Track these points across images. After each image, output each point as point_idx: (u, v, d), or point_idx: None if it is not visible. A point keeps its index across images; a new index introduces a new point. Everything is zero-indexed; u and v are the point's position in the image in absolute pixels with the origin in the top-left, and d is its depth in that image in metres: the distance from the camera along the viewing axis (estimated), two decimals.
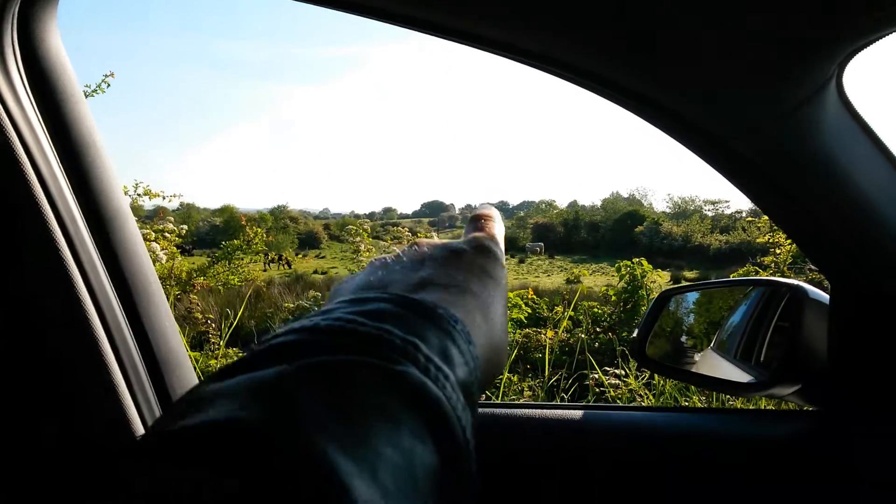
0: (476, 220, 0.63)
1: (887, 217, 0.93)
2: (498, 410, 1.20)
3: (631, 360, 4.36)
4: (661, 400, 3.69)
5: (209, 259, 7.55)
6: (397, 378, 0.36)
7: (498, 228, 0.62)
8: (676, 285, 1.61)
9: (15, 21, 0.81)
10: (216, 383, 0.34)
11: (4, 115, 0.80)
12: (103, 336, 0.90)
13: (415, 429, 0.35)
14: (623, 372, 4.26)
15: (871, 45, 0.78)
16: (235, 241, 7.43)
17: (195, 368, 1.14)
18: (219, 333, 5.83)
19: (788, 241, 6.01)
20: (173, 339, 1.04)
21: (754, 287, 1.56)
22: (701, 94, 0.83)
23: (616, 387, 4.07)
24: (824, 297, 1.15)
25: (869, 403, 1.10)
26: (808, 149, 0.87)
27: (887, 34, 0.75)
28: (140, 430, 0.93)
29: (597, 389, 4.14)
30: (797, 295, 1.17)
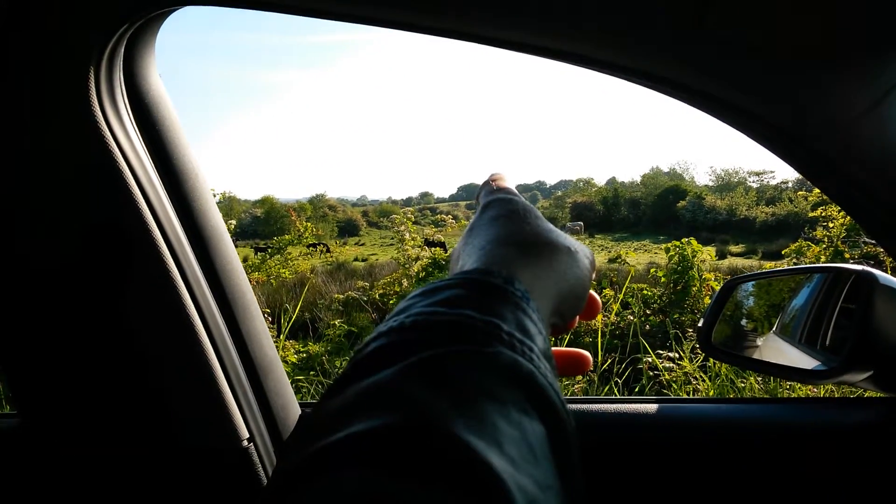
0: (485, 185, 0.67)
1: None
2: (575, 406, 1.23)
3: (684, 342, 4.35)
4: (717, 382, 3.67)
5: (257, 254, 7.68)
6: (491, 359, 0.39)
7: (507, 183, 0.66)
8: (741, 275, 1.61)
9: (121, 61, 0.87)
10: (337, 397, 0.37)
11: (115, 146, 0.86)
12: (208, 345, 0.96)
13: (518, 403, 0.37)
14: (677, 354, 4.24)
15: None
16: (287, 237, 7.54)
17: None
18: (275, 327, 5.95)
19: (841, 213, 5.86)
20: (267, 345, 1.10)
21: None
22: (781, 95, 0.85)
23: (670, 370, 4.05)
24: (894, 281, 1.15)
25: None
26: (885, 142, 0.88)
27: None
28: (245, 433, 0.99)
29: (651, 373, 4.13)
30: (867, 279, 1.16)
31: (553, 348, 0.58)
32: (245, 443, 0.99)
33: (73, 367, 0.94)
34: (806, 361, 1.38)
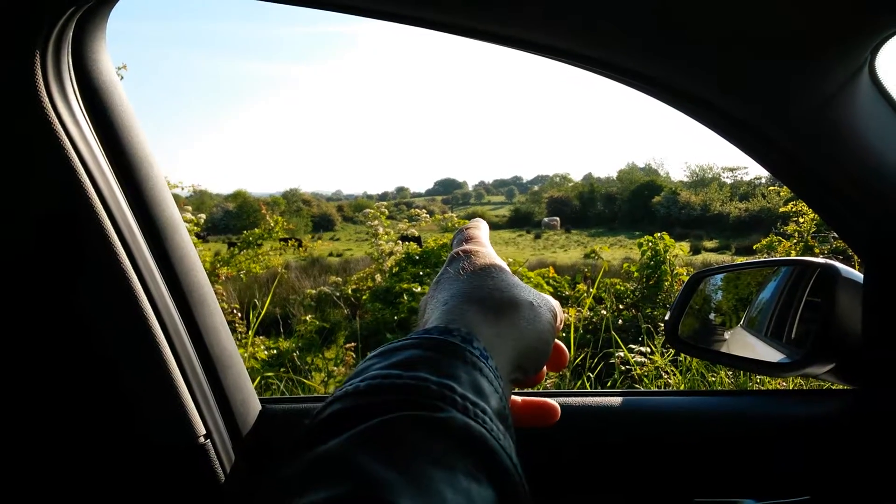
0: (459, 233, 0.67)
1: None
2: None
3: (656, 337, 4.37)
4: (688, 377, 3.71)
5: (229, 248, 7.62)
6: (442, 425, 0.39)
7: (480, 233, 0.67)
8: (707, 268, 1.62)
9: (70, 44, 0.84)
10: (293, 464, 0.38)
11: (64, 134, 0.83)
12: (163, 339, 0.93)
13: (467, 469, 0.38)
14: (648, 349, 4.27)
15: None
16: (257, 231, 7.48)
17: None
18: (244, 322, 5.89)
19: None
20: (226, 339, 1.08)
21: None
22: (736, 85, 0.85)
23: (642, 364, 4.09)
24: (856, 275, 1.15)
25: None
26: (844, 134, 0.88)
27: None
28: (201, 429, 0.97)
29: (622, 367, 4.16)
30: (830, 273, 1.17)
31: (522, 398, 0.61)
32: (202, 439, 0.97)
33: (21, 362, 0.91)
34: (772, 354, 1.40)
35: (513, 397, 0.60)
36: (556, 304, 0.61)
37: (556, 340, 0.60)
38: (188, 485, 0.98)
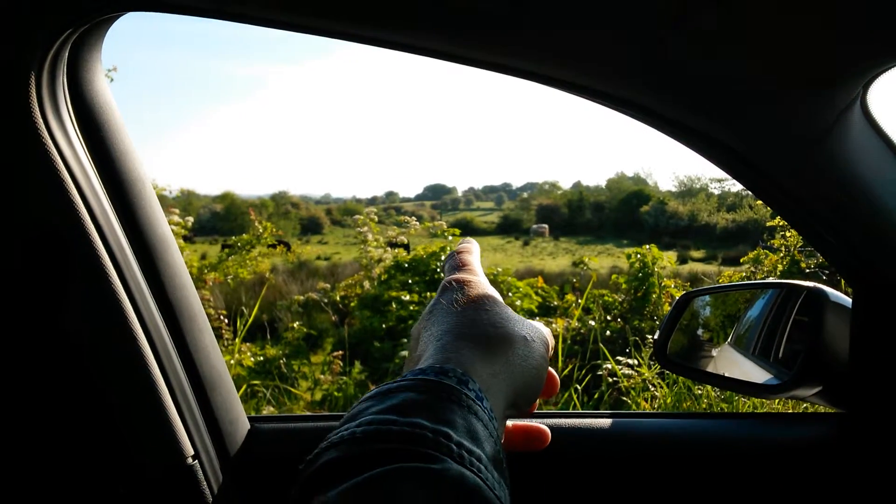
0: (450, 258, 0.67)
1: None
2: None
3: (643, 349, 4.39)
4: (675, 390, 3.72)
5: (223, 250, 7.58)
6: (437, 477, 0.39)
7: (472, 258, 0.66)
8: (696, 288, 1.63)
9: (65, 65, 0.84)
10: None
11: (57, 155, 0.83)
12: (152, 359, 0.93)
13: None
14: (636, 361, 4.29)
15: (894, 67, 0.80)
16: (245, 236, 7.45)
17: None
18: (231, 328, 5.86)
19: None
20: (215, 359, 1.07)
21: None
22: (732, 120, 0.85)
23: (629, 377, 4.10)
24: (844, 299, 1.17)
25: (892, 405, 1.12)
26: (836, 168, 0.89)
27: None
28: (189, 450, 0.96)
29: (610, 379, 4.17)
30: (818, 297, 1.18)
31: (513, 423, 0.61)
32: (190, 460, 0.97)
33: (7, 381, 0.90)
34: (759, 374, 1.40)
35: None
36: (547, 332, 0.61)
37: (549, 368, 0.60)
38: None
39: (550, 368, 0.61)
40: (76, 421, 0.92)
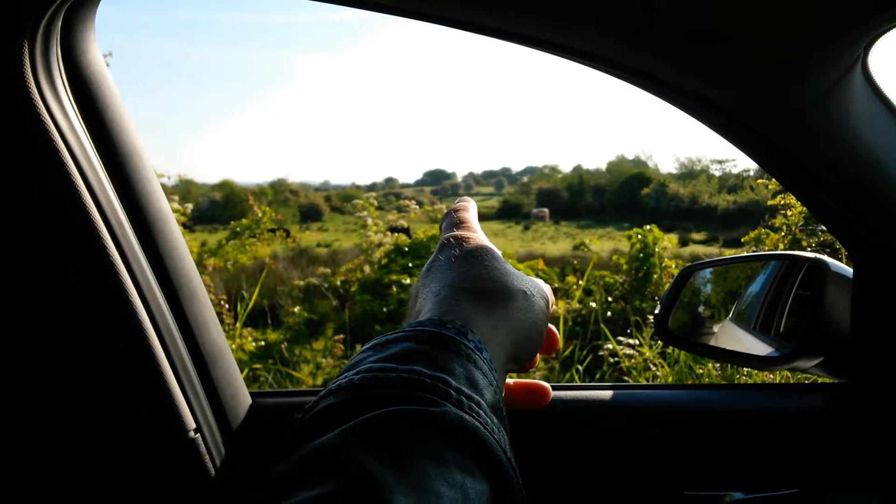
0: (448, 216, 0.67)
1: None
2: None
3: (644, 329, 4.39)
4: (676, 369, 3.73)
5: (219, 240, 7.59)
6: (436, 419, 0.39)
7: (469, 215, 0.66)
8: (697, 262, 1.62)
9: (58, 35, 0.83)
10: (286, 460, 0.38)
11: (52, 125, 0.82)
12: (153, 333, 0.93)
13: (462, 463, 0.38)
14: (637, 341, 4.29)
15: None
16: (244, 221, 7.45)
17: None
18: (232, 314, 5.87)
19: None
20: (216, 333, 1.07)
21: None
22: (731, 83, 0.85)
23: (630, 356, 4.11)
24: (845, 269, 1.16)
25: (893, 375, 1.12)
26: (837, 131, 0.89)
27: None
28: (191, 423, 0.97)
29: (611, 360, 4.18)
30: (819, 268, 1.18)
31: (514, 380, 0.61)
32: (192, 433, 0.97)
33: (8, 357, 0.90)
34: (760, 348, 1.40)
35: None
36: (547, 288, 0.61)
37: (549, 325, 0.60)
38: (178, 479, 0.97)
39: (551, 325, 0.60)
40: (77, 395, 0.92)
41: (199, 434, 0.98)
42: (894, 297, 1.08)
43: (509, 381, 0.61)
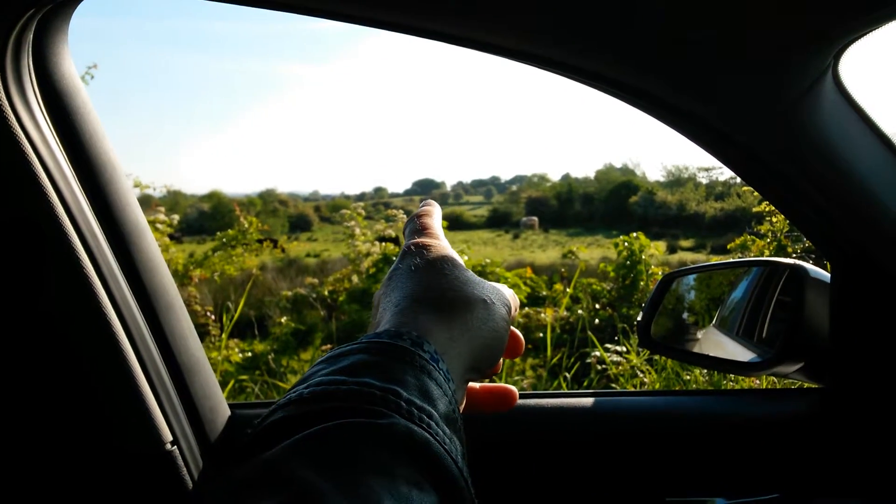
0: (410, 222, 0.67)
1: (885, 200, 0.96)
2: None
3: (632, 336, 4.40)
4: (663, 375, 3.74)
5: (205, 251, 7.55)
6: (384, 431, 0.39)
7: (433, 220, 0.66)
8: (679, 268, 1.63)
9: (30, 46, 0.83)
10: (237, 468, 0.38)
11: (25, 138, 0.81)
12: (128, 345, 0.92)
13: (409, 475, 0.38)
14: (624, 348, 4.30)
15: (865, 36, 0.80)
16: (231, 231, 7.42)
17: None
18: (218, 325, 5.84)
19: None
20: (193, 345, 1.06)
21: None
22: (704, 91, 0.85)
23: (618, 364, 4.11)
24: (824, 275, 1.17)
25: (872, 379, 1.13)
26: (809, 138, 0.89)
27: (881, 26, 0.77)
28: (168, 436, 0.96)
29: (599, 367, 4.18)
30: (798, 274, 1.19)
31: (480, 385, 0.60)
32: (169, 446, 0.96)
33: None
34: (743, 354, 1.41)
35: (470, 384, 0.60)
36: (510, 295, 0.61)
37: (512, 328, 0.60)
38: (155, 492, 0.96)
39: (514, 329, 0.60)
40: (51, 408, 0.91)
41: (175, 446, 0.97)
42: (871, 301, 1.09)
43: (475, 385, 0.61)
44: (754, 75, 0.81)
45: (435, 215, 0.67)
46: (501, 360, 0.59)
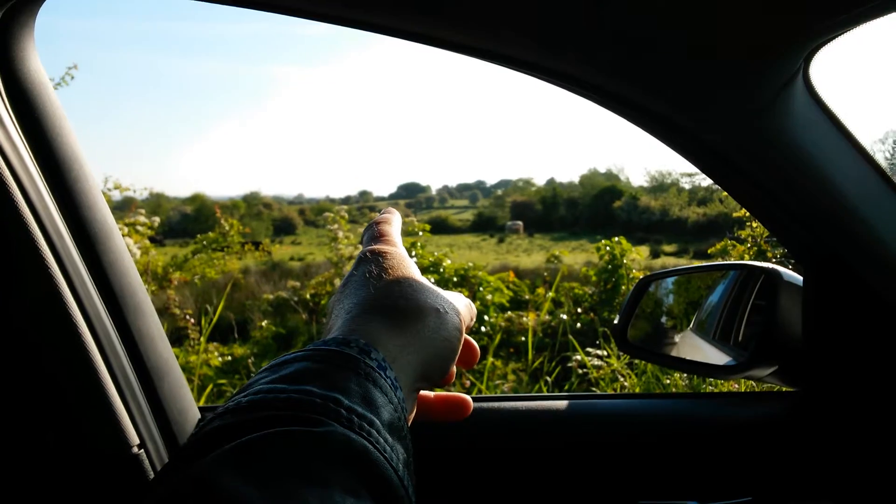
0: (368, 228, 0.66)
1: (856, 204, 0.96)
2: (486, 405, 1.22)
3: (612, 340, 4.41)
4: (643, 379, 3.75)
5: (185, 254, 7.50)
6: (320, 440, 0.38)
7: (391, 228, 0.66)
8: (656, 271, 1.63)
9: None
10: (171, 476, 0.37)
11: None
12: (94, 348, 0.90)
13: (346, 484, 0.37)
14: (605, 352, 4.31)
15: (835, 40, 0.80)
16: (211, 234, 7.37)
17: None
18: (198, 328, 5.79)
19: None
20: (162, 347, 1.05)
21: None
22: (674, 92, 0.85)
23: (599, 368, 4.12)
24: (798, 279, 1.18)
25: (845, 382, 1.13)
26: (780, 140, 0.90)
27: (851, 28, 0.77)
28: (135, 438, 0.94)
29: (580, 371, 4.19)
30: (772, 278, 1.19)
31: (434, 393, 0.61)
32: (136, 449, 0.94)
33: None
34: (719, 357, 1.42)
35: (425, 393, 0.60)
36: (464, 304, 0.61)
37: (466, 336, 0.60)
38: (122, 495, 0.95)
39: (469, 338, 0.60)
40: (14, 409, 0.90)
41: (143, 450, 0.95)
42: (843, 305, 1.10)
43: (429, 394, 0.61)
44: (725, 76, 0.82)
45: (394, 222, 0.67)
46: (454, 368, 0.59)
